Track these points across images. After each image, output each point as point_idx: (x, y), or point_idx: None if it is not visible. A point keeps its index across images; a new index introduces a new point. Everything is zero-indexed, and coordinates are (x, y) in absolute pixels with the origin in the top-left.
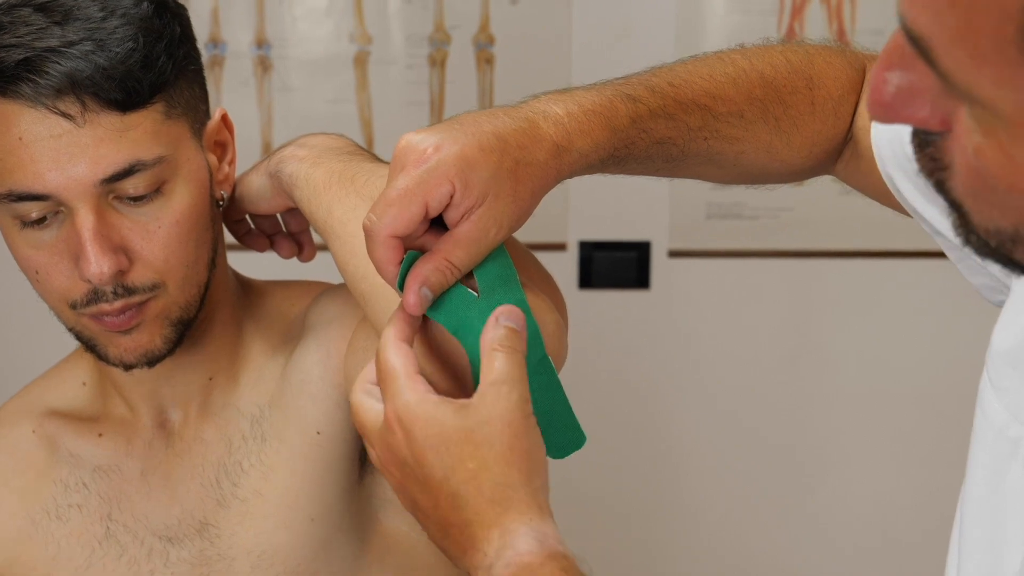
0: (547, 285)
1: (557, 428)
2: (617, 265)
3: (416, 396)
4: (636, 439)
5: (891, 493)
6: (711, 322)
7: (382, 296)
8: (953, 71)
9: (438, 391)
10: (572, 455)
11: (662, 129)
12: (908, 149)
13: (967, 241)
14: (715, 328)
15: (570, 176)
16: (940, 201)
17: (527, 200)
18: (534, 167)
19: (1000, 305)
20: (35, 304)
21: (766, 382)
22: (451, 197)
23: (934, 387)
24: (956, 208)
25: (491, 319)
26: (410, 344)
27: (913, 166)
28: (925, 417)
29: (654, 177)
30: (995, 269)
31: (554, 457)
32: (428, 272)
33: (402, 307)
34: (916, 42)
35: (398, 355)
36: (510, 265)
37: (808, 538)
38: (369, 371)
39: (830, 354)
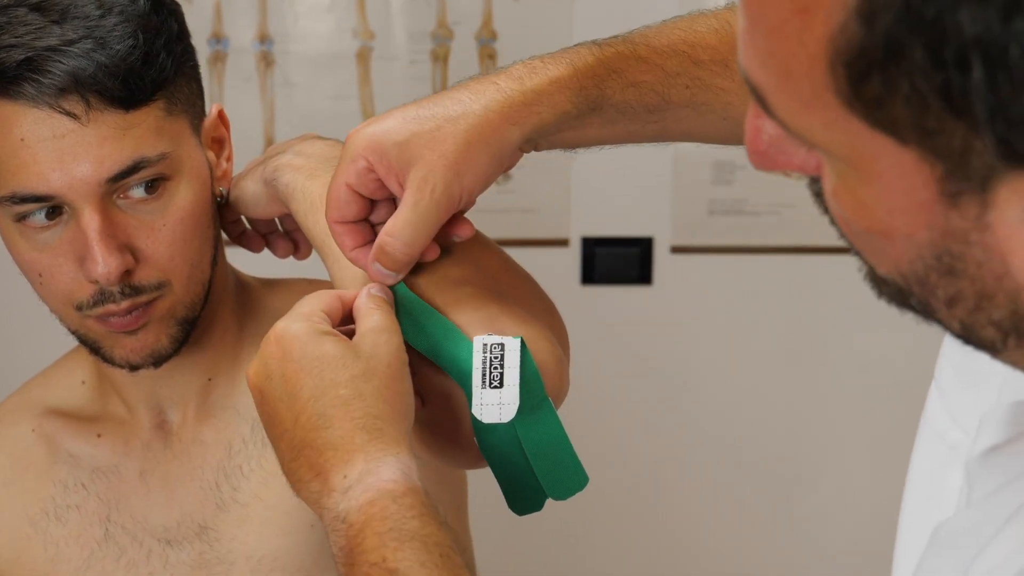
0: (548, 315)
1: (558, 469)
2: (619, 261)
3: (305, 325)
4: (637, 435)
5: (893, 496)
6: (714, 318)
7: None
8: (787, 120)
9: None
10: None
11: (635, 72)
12: None
13: (881, 292)
14: (717, 324)
15: (538, 125)
16: None
17: (460, 154)
18: (467, 119)
19: None
20: (35, 303)
21: (768, 378)
22: (373, 172)
23: None
24: (861, 256)
25: (363, 291)
26: (346, 306)
27: None
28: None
29: (655, 176)
30: None
31: (555, 498)
32: (375, 250)
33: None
34: (754, 92)
35: (322, 298)
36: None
37: (810, 535)
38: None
39: (833, 350)
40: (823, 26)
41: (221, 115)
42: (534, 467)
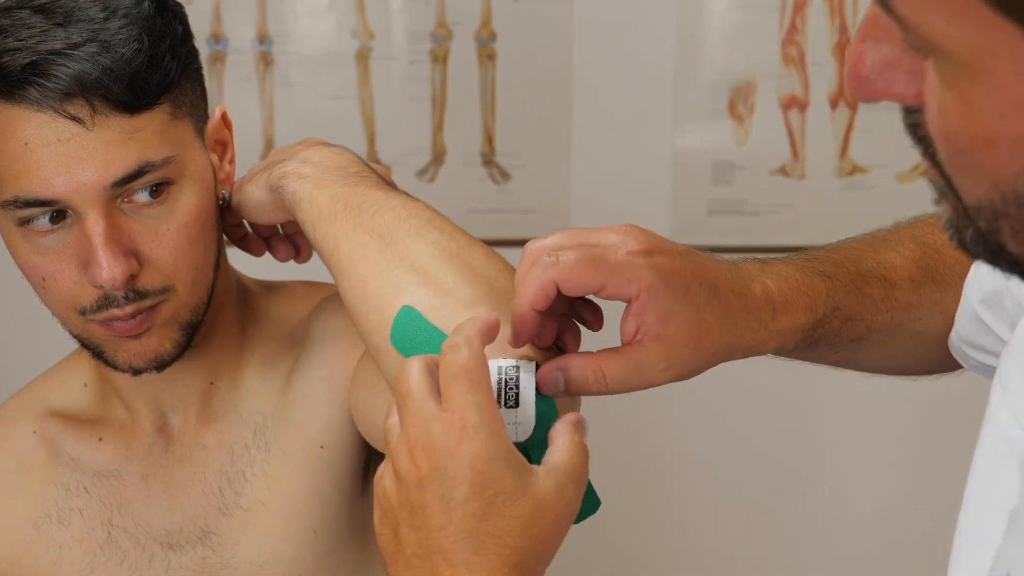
0: None
1: None
2: None
3: (500, 444)
4: (635, 437)
5: (897, 492)
6: None
7: (395, 352)
8: (909, 15)
9: None
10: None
11: (852, 305)
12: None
13: (962, 239)
14: None
15: (758, 355)
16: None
17: (708, 356)
18: (732, 347)
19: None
20: (36, 306)
21: (769, 377)
22: (631, 301)
23: (937, 384)
24: (952, 189)
25: (566, 427)
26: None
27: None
28: (929, 414)
29: (655, 176)
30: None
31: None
32: (575, 365)
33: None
34: None
35: (427, 395)
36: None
37: (812, 533)
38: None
39: None
40: None
41: (224, 117)
42: None
